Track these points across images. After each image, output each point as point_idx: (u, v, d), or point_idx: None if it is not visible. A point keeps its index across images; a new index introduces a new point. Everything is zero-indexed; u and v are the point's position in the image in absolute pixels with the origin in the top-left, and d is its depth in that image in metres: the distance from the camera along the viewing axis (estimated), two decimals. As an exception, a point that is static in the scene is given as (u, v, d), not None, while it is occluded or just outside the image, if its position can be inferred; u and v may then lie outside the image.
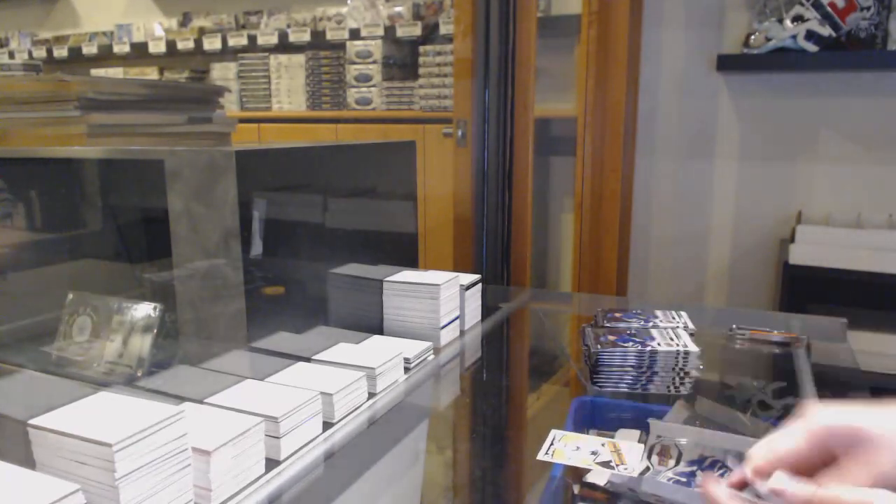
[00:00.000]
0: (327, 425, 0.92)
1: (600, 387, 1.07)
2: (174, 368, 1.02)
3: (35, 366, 1.07)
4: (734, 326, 1.35)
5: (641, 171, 2.58)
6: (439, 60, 2.87)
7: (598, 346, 1.09)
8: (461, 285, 1.31)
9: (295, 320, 1.14)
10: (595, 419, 0.99)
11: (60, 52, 3.94)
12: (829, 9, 2.06)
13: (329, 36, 3.17)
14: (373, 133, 2.95)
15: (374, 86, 3.05)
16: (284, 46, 3.31)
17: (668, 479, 0.80)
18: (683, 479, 0.80)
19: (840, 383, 1.19)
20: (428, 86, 2.90)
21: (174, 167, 1.03)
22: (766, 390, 1.15)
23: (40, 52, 4.01)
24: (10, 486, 0.62)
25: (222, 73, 3.48)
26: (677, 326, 1.19)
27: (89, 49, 3.85)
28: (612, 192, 2.25)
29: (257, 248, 1.03)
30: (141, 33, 3.76)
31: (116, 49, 3.76)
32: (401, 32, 3.02)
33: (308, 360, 1.04)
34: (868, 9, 2.11)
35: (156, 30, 3.75)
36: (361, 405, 0.99)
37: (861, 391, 1.11)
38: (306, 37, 3.24)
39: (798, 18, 2.10)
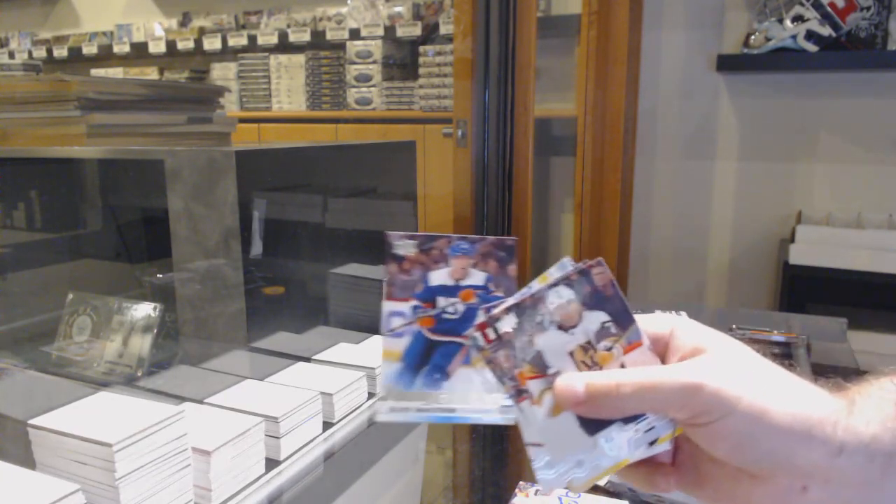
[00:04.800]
0: (327, 425, 0.92)
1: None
2: (174, 368, 1.02)
3: (35, 366, 1.07)
4: (734, 326, 1.35)
5: (641, 171, 2.58)
6: (439, 60, 2.87)
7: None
8: (461, 285, 1.31)
9: (295, 320, 1.14)
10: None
11: (60, 52, 3.94)
12: (829, 9, 2.06)
13: (329, 36, 3.17)
14: (373, 133, 2.95)
15: (374, 86, 3.05)
16: (284, 46, 3.30)
17: (668, 479, 0.80)
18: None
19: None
20: (428, 86, 2.90)
21: (174, 167, 1.03)
22: (766, 390, 1.15)
23: (40, 52, 4.01)
24: (10, 486, 0.62)
25: (222, 73, 3.48)
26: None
27: (89, 49, 3.85)
28: (612, 192, 2.25)
29: (257, 248, 1.03)
30: (141, 33, 3.76)
31: (116, 49, 3.76)
32: (401, 32, 3.02)
33: (308, 360, 1.04)
34: (868, 9, 2.11)
35: (156, 30, 3.75)
36: (361, 405, 0.99)
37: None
38: (306, 37, 3.24)
39: (798, 18, 2.10)
